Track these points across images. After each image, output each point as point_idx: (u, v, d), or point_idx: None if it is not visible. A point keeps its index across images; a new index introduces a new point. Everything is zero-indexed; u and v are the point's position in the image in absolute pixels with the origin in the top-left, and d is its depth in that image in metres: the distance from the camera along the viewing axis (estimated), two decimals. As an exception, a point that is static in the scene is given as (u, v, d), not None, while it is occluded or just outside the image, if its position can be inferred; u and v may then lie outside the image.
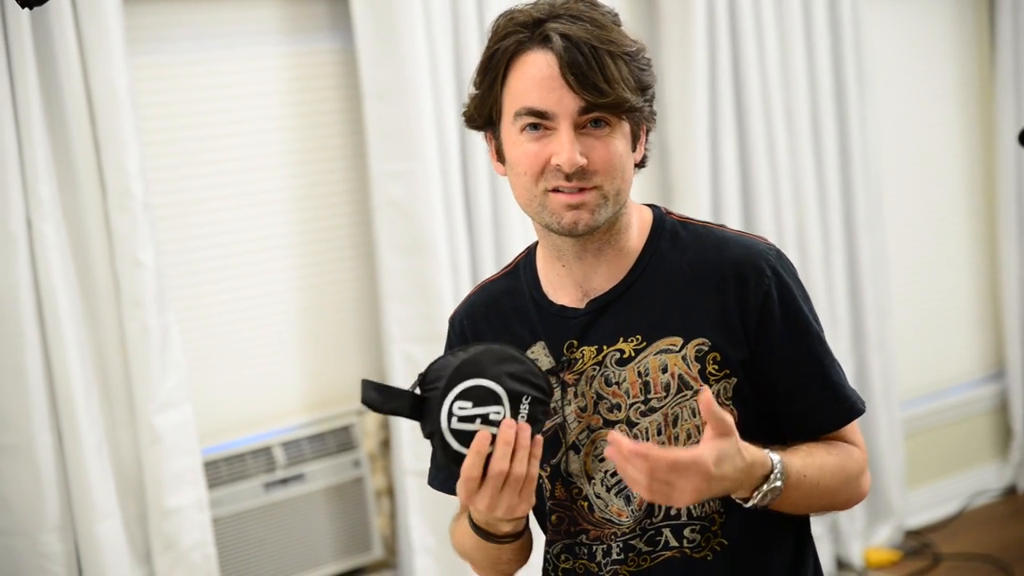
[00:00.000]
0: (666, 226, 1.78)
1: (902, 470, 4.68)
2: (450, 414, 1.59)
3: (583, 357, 1.75)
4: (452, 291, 3.65)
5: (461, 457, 1.60)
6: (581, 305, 1.77)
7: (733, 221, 4.18)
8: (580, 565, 1.79)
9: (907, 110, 4.93)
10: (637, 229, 1.77)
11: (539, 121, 1.66)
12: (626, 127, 1.69)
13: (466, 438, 1.59)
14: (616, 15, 1.71)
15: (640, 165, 1.76)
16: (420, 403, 1.61)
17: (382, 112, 3.59)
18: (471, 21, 3.66)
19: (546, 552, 1.84)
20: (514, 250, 3.73)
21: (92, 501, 3.10)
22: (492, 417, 1.59)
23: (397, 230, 3.62)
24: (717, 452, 1.56)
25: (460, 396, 1.59)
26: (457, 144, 3.67)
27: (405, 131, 3.58)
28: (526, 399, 1.60)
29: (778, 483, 1.63)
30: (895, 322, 4.70)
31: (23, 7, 1.93)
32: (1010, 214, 5.04)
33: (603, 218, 1.69)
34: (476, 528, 1.74)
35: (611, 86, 1.63)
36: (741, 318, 1.70)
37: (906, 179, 4.94)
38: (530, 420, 1.61)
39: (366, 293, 3.79)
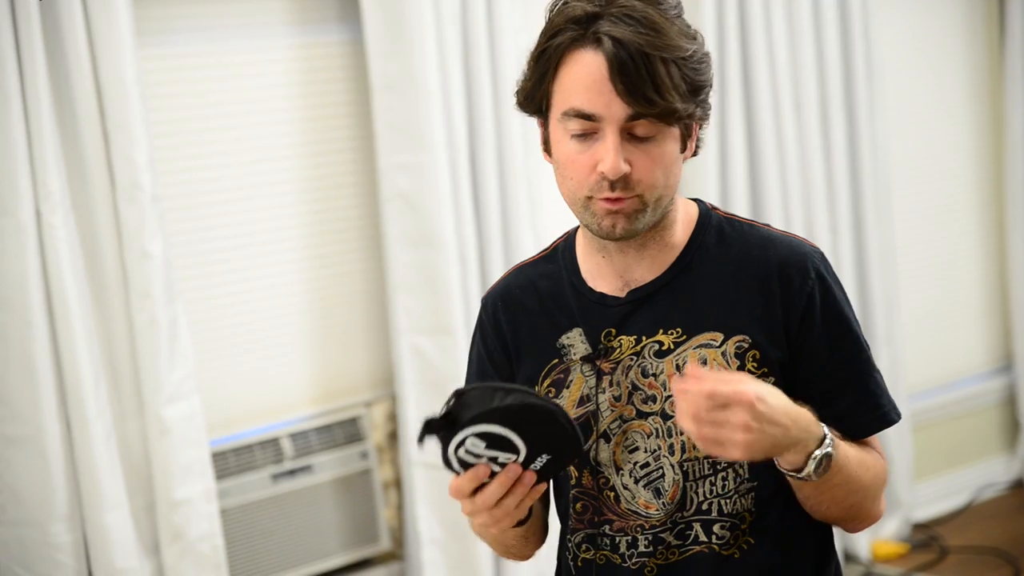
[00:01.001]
0: (712, 221, 1.77)
1: (910, 463, 4.68)
2: (460, 444, 1.55)
3: (620, 346, 1.74)
4: (460, 283, 3.65)
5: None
6: (622, 294, 1.76)
7: (741, 213, 4.17)
8: (602, 556, 1.77)
9: (916, 102, 4.92)
10: (682, 223, 1.76)
11: (586, 125, 1.64)
12: (676, 130, 1.66)
13: (468, 467, 1.57)
14: (678, 7, 1.66)
15: (692, 154, 1.74)
16: (436, 426, 1.56)
17: (391, 104, 3.59)
18: (480, 13, 3.65)
19: (566, 540, 1.83)
20: (523, 242, 3.73)
21: (100, 492, 3.11)
22: (501, 460, 1.56)
23: (405, 222, 3.62)
24: (757, 386, 1.53)
25: (478, 435, 1.54)
26: (466, 136, 3.67)
27: (414, 123, 3.58)
28: (543, 457, 1.56)
29: (830, 449, 1.60)
30: (903, 315, 4.70)
31: (33, -1, 1.93)
32: (1018, 207, 5.03)
33: (642, 224, 1.68)
34: None
35: (661, 95, 1.59)
36: (783, 318, 1.70)
37: (915, 172, 4.93)
38: (540, 474, 1.58)
39: (374, 285, 3.79)
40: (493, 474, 1.57)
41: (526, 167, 3.74)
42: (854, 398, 1.72)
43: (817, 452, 1.60)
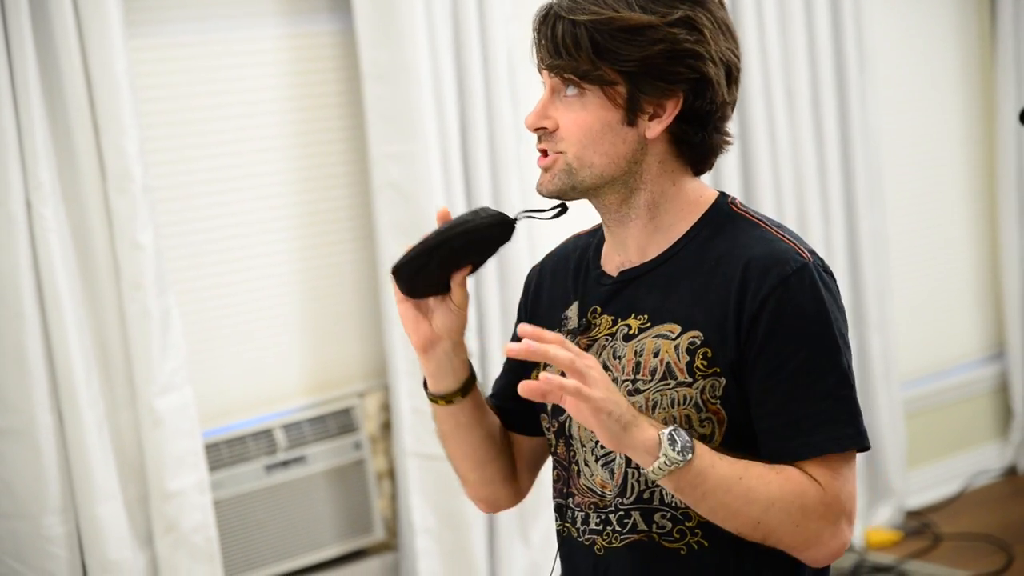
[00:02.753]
0: (720, 214, 1.75)
1: (903, 450, 4.69)
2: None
3: (600, 324, 1.76)
4: (452, 273, 3.64)
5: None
6: (614, 274, 1.78)
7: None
8: (565, 527, 1.80)
9: (908, 91, 4.92)
10: (685, 210, 1.74)
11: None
12: (607, 98, 1.68)
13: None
14: None
15: (706, 149, 1.73)
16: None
17: (381, 94, 3.58)
18: (471, 2, 3.64)
19: None
20: (515, 231, 3.72)
21: (93, 484, 3.10)
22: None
23: (397, 212, 3.61)
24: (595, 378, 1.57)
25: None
26: (457, 125, 3.67)
27: (405, 113, 3.57)
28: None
29: (681, 432, 1.57)
30: (895, 303, 4.70)
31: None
32: (1010, 195, 5.04)
33: (567, 185, 1.71)
34: (428, 396, 1.84)
35: (554, 52, 1.68)
36: (736, 320, 1.66)
37: (906, 160, 4.93)
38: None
39: (366, 275, 3.78)
40: None
41: (518, 156, 3.74)
42: (786, 419, 1.64)
43: (664, 431, 1.57)
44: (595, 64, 1.66)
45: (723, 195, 1.78)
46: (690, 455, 1.58)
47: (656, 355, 1.69)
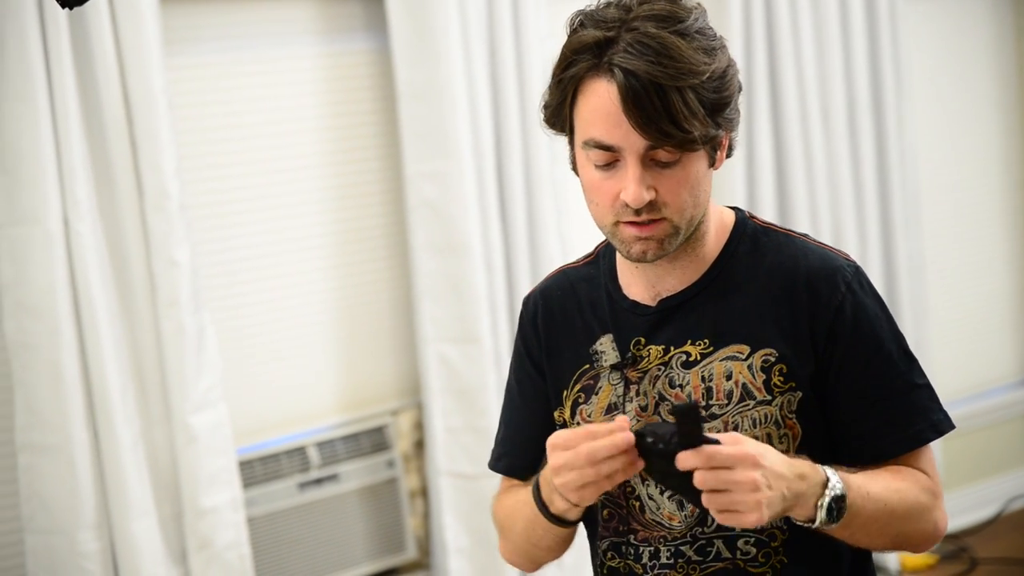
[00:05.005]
0: (747, 231, 1.76)
1: (939, 473, 4.64)
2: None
3: (649, 355, 1.73)
4: (486, 291, 3.65)
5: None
6: (653, 303, 1.75)
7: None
8: (625, 565, 1.76)
9: (945, 109, 4.89)
10: (715, 233, 1.75)
11: (607, 156, 1.62)
12: (701, 151, 1.64)
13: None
14: (698, 14, 1.62)
15: (726, 156, 1.72)
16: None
17: (416, 112, 3.59)
18: (506, 21, 3.65)
19: (595, 547, 1.82)
20: (549, 249, 3.72)
21: (128, 500, 3.11)
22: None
23: (431, 230, 3.62)
24: (753, 443, 1.51)
25: None
26: (492, 144, 3.67)
27: (439, 131, 3.58)
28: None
29: (838, 489, 1.56)
30: (932, 324, 4.67)
31: (63, 7, 1.94)
32: (1049, 215, 5.00)
33: (673, 247, 1.67)
34: (537, 497, 1.70)
35: (677, 125, 1.57)
36: (811, 331, 1.67)
37: (944, 179, 4.90)
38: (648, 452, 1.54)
39: (400, 293, 3.79)
40: None
41: (552, 175, 3.74)
42: (881, 418, 1.68)
43: (823, 500, 1.56)
44: (711, 125, 1.61)
45: (739, 210, 1.79)
46: (843, 515, 1.57)
47: (729, 378, 1.68)
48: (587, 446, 1.54)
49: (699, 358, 1.70)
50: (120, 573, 3.15)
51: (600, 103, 1.60)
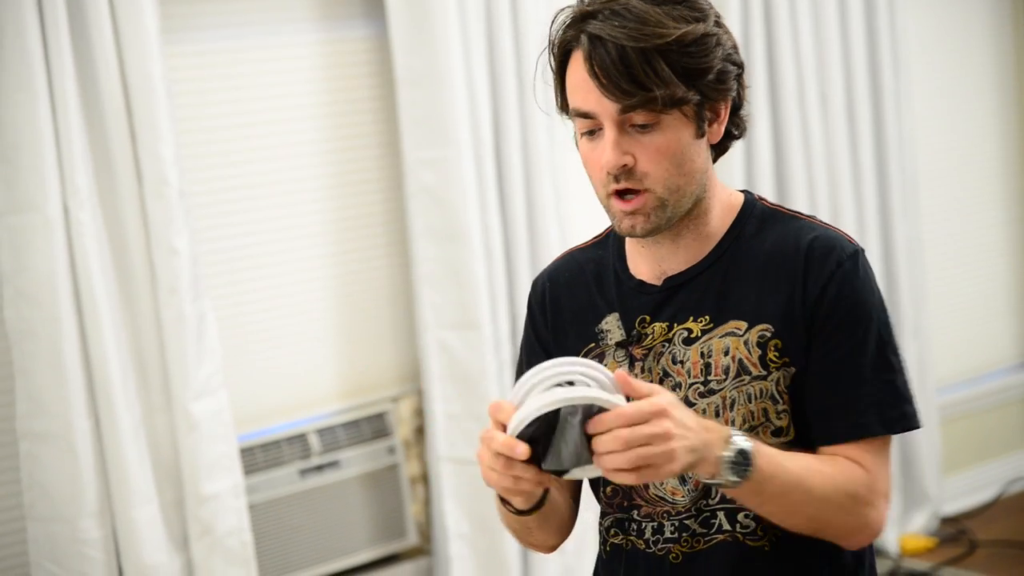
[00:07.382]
0: (754, 212, 1.77)
1: (938, 457, 4.65)
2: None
3: (653, 332, 1.75)
4: (486, 278, 3.65)
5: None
6: (658, 282, 1.76)
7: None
8: (628, 541, 1.78)
9: (943, 94, 4.89)
10: (721, 213, 1.76)
11: (589, 123, 1.67)
12: (683, 116, 1.65)
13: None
14: None
15: (733, 137, 1.73)
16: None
17: (415, 99, 3.59)
18: (504, 7, 3.65)
19: (599, 524, 1.83)
20: (548, 235, 3.73)
21: (129, 487, 3.12)
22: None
23: (431, 217, 3.62)
24: (662, 393, 1.50)
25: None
26: (491, 130, 3.67)
27: (438, 118, 3.58)
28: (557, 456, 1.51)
29: (742, 443, 1.53)
30: (931, 308, 4.67)
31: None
32: (1047, 199, 5.00)
33: (663, 220, 1.68)
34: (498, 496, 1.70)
35: (639, 85, 1.60)
36: (802, 304, 1.68)
37: (942, 164, 4.90)
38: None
39: (400, 280, 3.79)
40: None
41: (551, 161, 3.74)
42: (836, 400, 1.67)
43: (727, 451, 1.54)
44: (679, 87, 1.62)
45: (748, 192, 1.81)
46: (748, 474, 1.55)
47: (727, 353, 1.70)
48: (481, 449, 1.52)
49: (700, 334, 1.72)
50: (122, 560, 3.16)
51: (576, 73, 1.67)
